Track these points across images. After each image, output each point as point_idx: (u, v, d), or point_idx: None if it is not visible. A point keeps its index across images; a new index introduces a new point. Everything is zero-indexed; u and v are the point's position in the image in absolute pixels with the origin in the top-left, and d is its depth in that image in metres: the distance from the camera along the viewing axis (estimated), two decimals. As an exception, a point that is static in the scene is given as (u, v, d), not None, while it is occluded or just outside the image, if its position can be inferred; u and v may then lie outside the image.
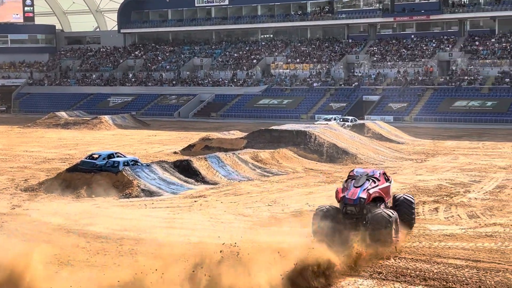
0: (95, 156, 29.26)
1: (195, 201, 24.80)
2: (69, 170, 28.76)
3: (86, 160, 29.12)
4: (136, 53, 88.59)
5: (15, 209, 23.82)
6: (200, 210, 23.31)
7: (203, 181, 28.61)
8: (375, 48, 73.49)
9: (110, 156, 28.94)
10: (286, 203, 24.19)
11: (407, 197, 19.34)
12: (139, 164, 28.54)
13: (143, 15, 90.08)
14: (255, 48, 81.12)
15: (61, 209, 23.46)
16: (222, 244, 15.23)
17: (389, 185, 18.99)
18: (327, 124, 45.61)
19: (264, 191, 26.89)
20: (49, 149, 43.17)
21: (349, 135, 40.16)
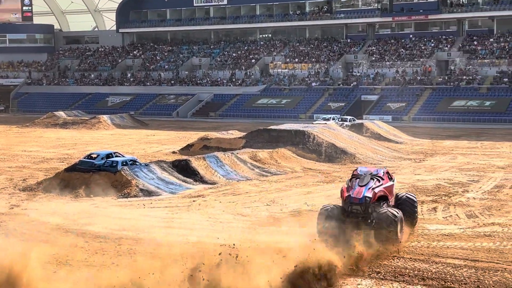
0: (94, 155, 29.26)
1: (194, 201, 24.78)
2: (68, 169, 28.74)
3: (84, 159, 29.11)
4: (134, 52, 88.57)
5: (14, 208, 23.78)
6: (198, 209, 23.29)
7: (201, 180, 28.60)
8: (373, 47, 73.52)
9: (108, 155, 28.95)
10: (284, 203, 24.17)
11: (410, 196, 19.41)
12: (137, 163, 28.54)
13: (141, 15, 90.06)
14: (254, 47, 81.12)
15: (60, 209, 23.43)
16: (220, 246, 15.18)
17: (393, 184, 19.03)
18: (325, 123, 45.61)
19: (262, 190, 26.87)
20: (47, 148, 43.13)
21: (347, 134, 40.17)
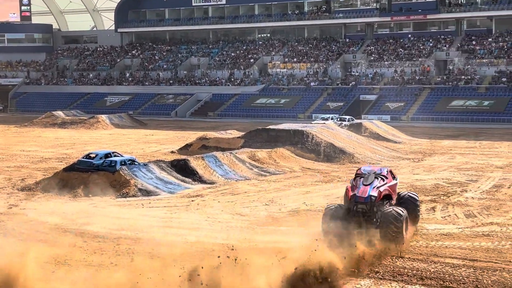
0: (92, 155, 29.22)
1: (192, 201, 24.78)
2: (66, 169, 28.71)
3: (83, 159, 29.08)
4: (133, 52, 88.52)
5: (12, 208, 23.76)
6: (197, 209, 23.29)
7: (200, 180, 28.60)
8: (372, 47, 73.53)
9: (107, 155, 28.93)
10: (283, 203, 24.18)
11: (412, 194, 19.49)
12: (136, 163, 28.53)
13: (140, 15, 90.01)
14: (252, 47, 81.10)
15: (58, 209, 23.41)
16: (219, 246, 15.11)
17: (396, 183, 19.11)
18: (324, 123, 45.63)
19: (261, 190, 26.88)
20: (46, 148, 43.10)
21: (346, 134, 40.18)
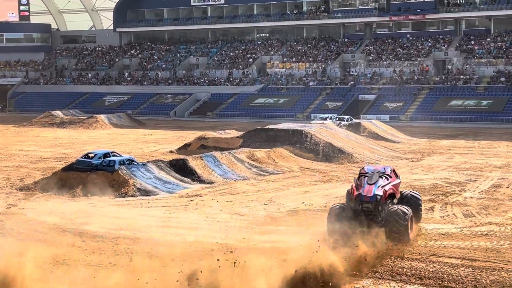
0: (91, 155, 29.21)
1: (191, 200, 24.78)
2: (65, 169, 28.72)
3: (81, 159, 29.08)
4: (131, 52, 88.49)
5: (11, 208, 23.76)
6: (196, 209, 23.29)
7: (199, 180, 28.60)
8: (371, 47, 73.54)
9: (106, 155, 28.92)
10: (282, 202, 24.19)
11: (414, 193, 19.53)
12: (135, 163, 28.53)
13: (138, 14, 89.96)
14: (251, 47, 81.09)
15: (57, 208, 23.41)
16: (218, 248, 15.02)
17: (399, 182, 19.17)
18: (323, 123, 45.60)
19: (260, 190, 26.88)
20: (44, 148, 43.08)
21: (345, 134, 40.20)
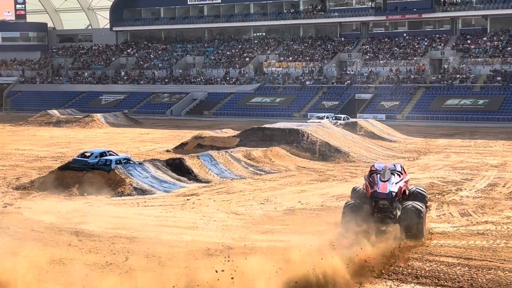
0: (87, 154, 29.19)
1: (188, 200, 24.77)
2: (61, 168, 28.67)
3: (78, 158, 29.04)
4: (128, 51, 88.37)
5: (7, 207, 23.73)
6: (192, 208, 23.29)
7: (195, 179, 28.59)
8: (367, 46, 73.58)
9: (102, 154, 28.89)
10: (278, 201, 24.20)
11: (420, 190, 19.53)
12: (131, 162, 28.52)
13: (135, 13, 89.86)
14: (248, 46, 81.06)
15: (53, 208, 23.38)
16: (215, 246, 14.91)
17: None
18: (319, 122, 45.66)
19: (256, 189, 26.89)
20: (41, 147, 43.01)
21: (341, 133, 40.22)
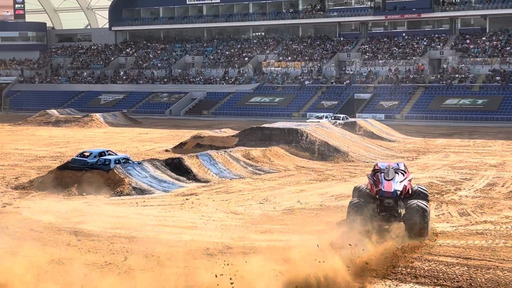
0: (86, 154, 29.17)
1: (187, 199, 24.77)
2: (60, 168, 28.65)
3: (77, 158, 29.03)
4: (127, 50, 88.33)
5: (6, 207, 23.72)
6: (191, 208, 23.29)
7: (194, 179, 28.59)
8: (366, 46, 73.59)
9: (101, 154, 28.87)
10: (277, 201, 24.21)
11: (422, 188, 19.51)
12: (130, 162, 28.51)
13: (134, 13, 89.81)
14: (247, 46, 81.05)
15: (52, 207, 23.38)
16: (213, 246, 14.88)
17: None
18: (318, 122, 45.66)
19: (255, 189, 26.89)
20: (40, 147, 42.99)
21: (340, 133, 40.22)
